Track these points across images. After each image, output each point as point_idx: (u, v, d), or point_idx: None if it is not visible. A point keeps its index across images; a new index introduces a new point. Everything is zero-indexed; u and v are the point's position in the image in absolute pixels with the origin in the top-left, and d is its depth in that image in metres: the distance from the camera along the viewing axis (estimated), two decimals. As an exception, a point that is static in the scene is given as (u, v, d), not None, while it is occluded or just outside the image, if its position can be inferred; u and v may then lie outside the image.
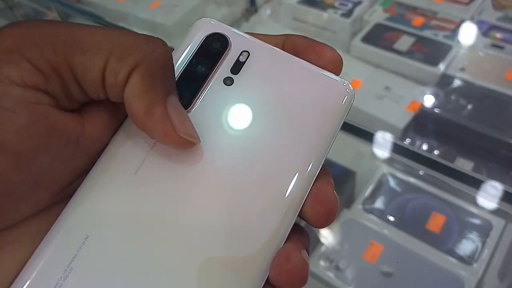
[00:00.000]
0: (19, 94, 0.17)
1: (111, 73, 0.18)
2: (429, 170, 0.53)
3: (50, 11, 1.03)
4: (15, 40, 0.17)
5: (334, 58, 0.21)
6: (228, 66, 0.21)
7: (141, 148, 0.20)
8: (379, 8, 0.83)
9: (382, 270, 0.52)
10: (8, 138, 0.16)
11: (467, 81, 0.70)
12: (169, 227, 0.19)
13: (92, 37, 0.18)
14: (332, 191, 0.20)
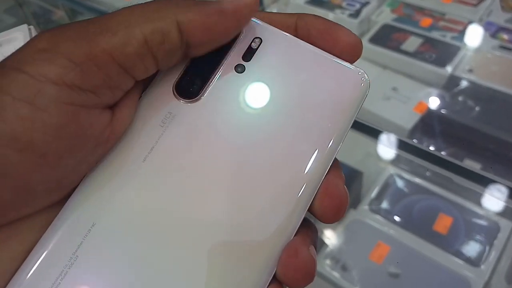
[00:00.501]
0: (54, 93, 0.16)
1: (154, 34, 0.18)
2: (437, 168, 0.52)
3: (58, 9, 1.03)
4: (49, 40, 0.17)
5: (352, 42, 0.20)
6: (239, 53, 0.21)
7: (150, 136, 0.20)
8: (386, 8, 0.83)
9: (388, 271, 0.52)
10: (37, 138, 0.16)
11: (475, 82, 0.69)
12: (177, 215, 0.19)
13: (115, 19, 0.18)
14: (343, 185, 0.20)
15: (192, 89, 0.20)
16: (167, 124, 0.20)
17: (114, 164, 0.19)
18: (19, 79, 0.16)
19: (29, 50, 0.17)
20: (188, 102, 0.20)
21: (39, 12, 1.03)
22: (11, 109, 0.16)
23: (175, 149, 0.20)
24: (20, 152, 0.16)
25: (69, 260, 0.18)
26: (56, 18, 1.03)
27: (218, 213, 0.19)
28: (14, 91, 0.16)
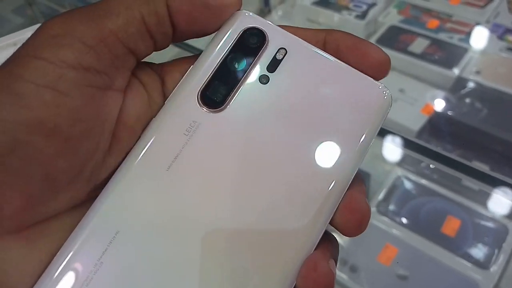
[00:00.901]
0: (73, 76, 0.17)
1: (150, 15, 0.19)
2: (445, 168, 0.52)
3: (64, 9, 1.04)
4: (63, 25, 0.18)
5: (381, 58, 0.21)
6: (264, 64, 0.21)
7: (174, 144, 0.20)
8: (393, 10, 0.83)
9: (397, 273, 0.52)
10: (62, 122, 0.17)
11: (482, 84, 0.69)
12: (200, 225, 0.19)
13: (115, 1, 0.19)
14: (364, 199, 0.20)
15: (216, 99, 0.20)
16: (191, 133, 0.20)
17: (138, 170, 0.20)
18: (39, 66, 0.17)
19: (44, 37, 0.17)
20: (213, 112, 0.20)
21: (46, 11, 1.04)
22: (35, 96, 0.16)
23: (200, 159, 0.20)
24: (46, 138, 0.17)
25: (94, 266, 0.18)
26: (63, 18, 1.03)
27: (240, 224, 0.19)
28: (36, 78, 0.17)
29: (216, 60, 0.21)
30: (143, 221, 0.19)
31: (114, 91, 0.19)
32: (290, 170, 0.20)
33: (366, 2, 0.84)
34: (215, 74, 0.21)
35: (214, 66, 0.21)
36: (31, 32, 0.41)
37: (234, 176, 0.20)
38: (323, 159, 0.20)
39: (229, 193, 0.20)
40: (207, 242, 0.19)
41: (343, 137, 0.20)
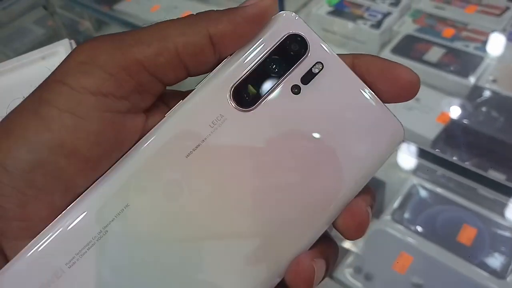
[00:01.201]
0: (92, 103, 0.18)
1: (186, 46, 0.19)
2: (461, 178, 0.52)
3: (84, 20, 1.06)
4: (89, 53, 0.19)
5: (412, 79, 0.21)
6: (299, 74, 0.21)
7: (198, 133, 0.20)
8: (408, 19, 0.83)
9: (412, 282, 0.52)
10: (81, 144, 0.18)
11: (499, 93, 0.69)
12: (205, 216, 0.20)
13: (149, 32, 0.20)
14: (365, 206, 0.21)
15: (248, 99, 0.21)
16: (216, 126, 0.20)
17: (158, 151, 0.20)
18: (64, 91, 0.18)
19: (71, 63, 0.19)
20: (241, 110, 0.21)
21: (66, 22, 1.06)
22: (57, 120, 0.18)
23: (220, 152, 0.20)
24: (67, 158, 0.18)
25: (99, 232, 0.19)
26: (83, 29, 1.05)
27: (243, 217, 0.20)
28: (60, 103, 0.18)
29: (255, 59, 0.21)
30: (153, 200, 0.20)
31: (135, 114, 0.20)
32: (301, 178, 0.21)
33: (381, 11, 0.84)
34: (251, 73, 0.21)
35: (252, 65, 0.21)
36: (59, 47, 0.43)
37: (247, 175, 0.21)
38: (333, 172, 0.21)
39: (239, 190, 0.21)
40: (211, 232, 0.20)
41: (354, 158, 0.21)
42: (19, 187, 0.18)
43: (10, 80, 0.40)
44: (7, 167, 0.18)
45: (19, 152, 0.18)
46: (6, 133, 0.18)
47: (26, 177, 0.18)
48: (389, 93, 0.21)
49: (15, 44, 0.95)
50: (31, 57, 0.42)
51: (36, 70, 0.40)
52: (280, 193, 0.21)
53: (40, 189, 0.18)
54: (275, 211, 0.21)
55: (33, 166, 0.18)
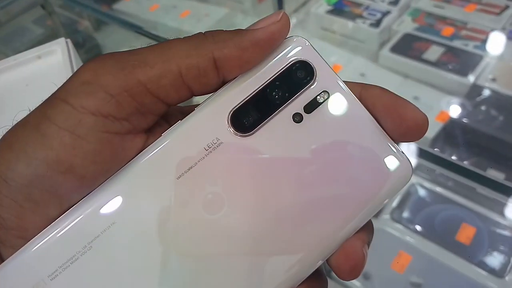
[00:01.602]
0: (92, 123, 0.18)
1: (189, 69, 0.19)
2: (460, 177, 0.52)
3: (83, 20, 1.06)
4: (92, 73, 0.19)
5: (418, 120, 0.20)
6: (303, 102, 0.20)
7: (191, 156, 0.20)
8: (407, 18, 0.83)
9: (410, 281, 0.51)
10: (77, 163, 0.19)
11: (498, 91, 0.69)
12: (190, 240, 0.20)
13: (154, 52, 0.19)
14: (361, 247, 0.20)
15: (246, 124, 0.20)
16: (211, 150, 0.20)
17: (149, 171, 0.20)
18: (65, 110, 0.18)
19: (75, 83, 0.19)
20: (238, 135, 0.20)
21: (65, 22, 1.06)
22: (56, 137, 0.18)
23: (212, 177, 0.20)
24: (63, 174, 0.18)
25: (83, 247, 0.19)
26: (82, 29, 1.05)
27: (226, 244, 0.20)
28: (59, 121, 0.18)
29: (257, 84, 0.20)
30: (139, 219, 0.20)
31: (135, 135, 0.20)
32: (294, 209, 0.20)
33: (380, 10, 0.84)
34: (252, 99, 0.20)
35: (253, 90, 0.20)
36: (55, 46, 0.42)
37: (239, 202, 0.20)
38: (330, 206, 0.20)
39: (229, 216, 0.20)
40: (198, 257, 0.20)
41: (354, 196, 0.20)
42: (17, 199, 0.18)
43: (6, 79, 0.40)
44: (7, 180, 0.18)
45: (19, 166, 0.18)
46: (9, 146, 0.19)
47: (24, 191, 0.18)
48: (394, 132, 0.20)
49: (14, 43, 0.95)
50: (27, 56, 0.42)
51: (32, 69, 0.40)
52: (269, 225, 0.20)
53: (36, 203, 0.19)
54: (262, 244, 0.20)
55: (31, 180, 0.18)
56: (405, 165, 0.20)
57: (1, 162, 0.18)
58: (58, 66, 0.39)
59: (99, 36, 1.02)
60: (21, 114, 0.20)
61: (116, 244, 0.19)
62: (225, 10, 0.95)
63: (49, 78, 0.38)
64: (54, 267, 0.19)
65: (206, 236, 0.20)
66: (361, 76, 0.76)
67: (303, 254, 0.20)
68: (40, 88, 0.38)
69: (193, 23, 0.93)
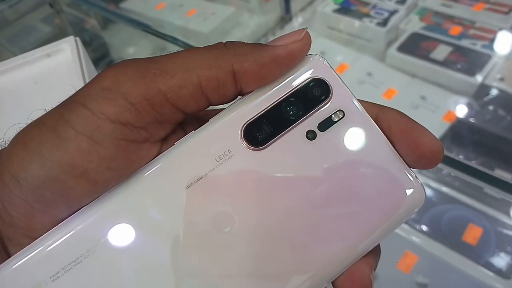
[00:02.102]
0: (109, 129, 0.18)
1: (209, 81, 0.19)
2: (467, 177, 0.52)
3: (90, 18, 1.07)
4: (113, 79, 0.19)
5: (434, 148, 0.19)
6: (317, 120, 0.20)
7: (202, 166, 0.20)
8: (415, 17, 0.83)
9: (417, 281, 0.51)
10: (92, 168, 0.18)
11: (506, 91, 0.69)
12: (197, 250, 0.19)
13: (174, 62, 0.19)
14: (368, 273, 0.20)
15: (259, 138, 0.20)
16: (222, 161, 0.20)
17: (159, 178, 0.20)
18: (83, 114, 0.18)
19: (95, 88, 0.19)
20: (250, 149, 0.20)
21: (72, 21, 1.07)
22: (73, 142, 0.18)
23: (221, 188, 0.20)
24: (76, 179, 0.18)
25: (88, 250, 0.19)
26: (89, 27, 1.06)
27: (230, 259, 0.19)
28: (78, 125, 0.18)
29: (272, 99, 0.20)
30: (146, 226, 0.19)
31: (151, 143, 0.20)
32: (303, 226, 0.20)
33: (388, 9, 0.84)
34: (266, 113, 0.20)
35: (268, 105, 0.20)
36: (64, 44, 0.43)
37: (247, 216, 0.20)
38: (336, 233, 0.20)
39: (237, 229, 0.19)
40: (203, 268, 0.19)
41: (363, 220, 0.20)
42: (28, 200, 0.18)
43: (15, 77, 0.40)
44: (19, 180, 0.18)
45: (32, 167, 0.18)
46: (23, 145, 0.19)
47: (36, 192, 0.18)
48: (408, 157, 0.20)
49: (22, 42, 0.96)
50: (36, 55, 0.42)
51: (41, 67, 0.40)
52: (275, 242, 0.19)
53: (47, 205, 0.19)
54: (267, 262, 0.19)
55: (43, 182, 0.18)
56: (418, 190, 0.20)
57: (14, 161, 0.18)
58: (67, 64, 0.39)
59: (106, 35, 1.02)
60: (36, 113, 0.20)
61: (121, 249, 0.19)
62: (232, 9, 0.95)
63: (58, 77, 0.38)
64: (56, 269, 0.19)
65: (212, 249, 0.19)
66: (368, 75, 0.76)
67: (310, 275, 0.19)
68: (49, 86, 0.38)
69: (199, 22, 0.93)
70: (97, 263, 0.19)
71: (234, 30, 0.95)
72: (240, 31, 0.94)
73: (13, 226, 0.19)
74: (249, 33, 0.93)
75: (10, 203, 0.18)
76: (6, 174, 0.18)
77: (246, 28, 0.95)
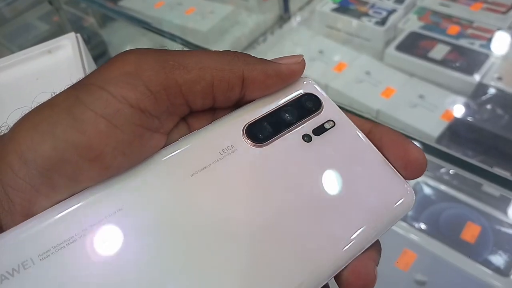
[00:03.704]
0: (129, 114, 0.19)
1: (221, 81, 0.21)
2: (466, 173, 0.52)
3: (88, 16, 1.06)
4: (135, 65, 0.19)
5: (420, 159, 0.21)
6: (311, 126, 0.23)
7: (207, 157, 0.21)
8: (413, 16, 0.83)
9: (415, 279, 0.52)
10: (107, 151, 0.18)
11: (504, 90, 0.69)
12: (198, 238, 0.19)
13: (192, 58, 0.20)
14: (373, 267, 0.20)
15: (260, 136, 0.22)
16: (225, 154, 0.22)
17: (164, 166, 0.21)
18: (103, 97, 0.18)
19: (114, 72, 0.19)
20: (252, 145, 0.22)
21: (70, 18, 1.06)
22: (92, 124, 0.18)
23: (223, 178, 0.21)
24: (90, 162, 0.18)
25: (84, 230, 0.19)
26: (88, 25, 1.05)
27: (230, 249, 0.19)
28: (97, 107, 0.18)
29: (272, 106, 0.23)
30: (147, 209, 0.20)
31: (161, 134, 0.21)
32: (300, 223, 0.20)
33: (386, 8, 0.84)
34: (267, 116, 0.23)
35: (268, 110, 0.23)
36: (65, 40, 0.43)
37: (246, 208, 0.20)
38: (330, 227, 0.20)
39: (236, 220, 0.20)
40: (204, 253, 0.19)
41: (355, 216, 0.21)
42: (34, 183, 0.18)
43: (16, 73, 0.40)
44: (27, 161, 0.17)
45: (43, 148, 0.17)
46: (33, 125, 0.18)
47: (44, 174, 0.18)
48: (396, 164, 0.22)
49: (20, 40, 0.95)
50: (37, 51, 0.42)
51: (42, 64, 0.40)
52: (275, 235, 0.20)
53: (53, 188, 0.18)
54: (266, 254, 0.19)
55: (54, 163, 0.18)
56: (407, 191, 0.22)
57: (22, 141, 0.18)
58: (68, 60, 0.39)
59: (104, 33, 1.02)
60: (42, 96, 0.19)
61: (119, 229, 0.19)
62: (230, 8, 0.95)
63: (59, 73, 0.38)
64: (47, 247, 0.18)
65: (210, 234, 0.20)
66: (366, 74, 0.76)
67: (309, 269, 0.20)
68: (50, 82, 0.38)
69: (198, 20, 0.93)
70: (92, 244, 0.18)
71: (232, 28, 0.94)
72: (239, 29, 0.94)
73: (12, 213, 0.18)
74: (248, 32, 0.93)
75: (12, 188, 0.18)
76: (11, 155, 0.18)
77: (244, 27, 0.95)
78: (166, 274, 0.19)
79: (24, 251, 0.18)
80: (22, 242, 0.18)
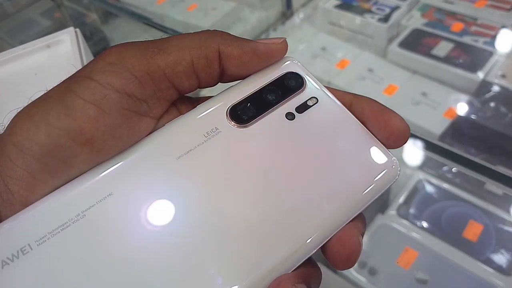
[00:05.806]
0: (116, 98, 0.20)
1: (199, 58, 0.21)
2: (468, 171, 0.52)
3: (90, 12, 1.06)
4: (118, 56, 0.21)
5: (401, 127, 0.22)
6: (295, 104, 0.23)
7: (192, 140, 0.22)
8: (417, 13, 0.83)
9: (416, 277, 0.51)
10: (98, 135, 0.20)
11: (508, 88, 0.68)
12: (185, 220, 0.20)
13: (170, 42, 0.21)
14: (357, 236, 0.21)
15: (244, 117, 0.23)
16: (210, 137, 0.22)
17: (152, 150, 0.21)
18: (91, 85, 0.20)
19: (101, 63, 0.21)
20: (235, 126, 0.22)
21: (72, 14, 1.06)
22: (81, 110, 0.19)
23: (208, 160, 0.21)
24: (82, 146, 0.19)
25: (77, 215, 0.19)
26: (89, 21, 1.05)
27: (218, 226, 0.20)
28: (85, 95, 0.19)
29: (254, 87, 0.23)
30: (137, 193, 0.20)
31: (150, 118, 0.22)
32: (285, 197, 0.21)
33: (389, 5, 0.84)
34: (249, 97, 0.23)
35: (251, 91, 0.23)
36: (64, 35, 0.42)
37: (232, 187, 0.21)
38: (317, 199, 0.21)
39: (222, 199, 0.20)
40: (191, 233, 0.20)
41: (342, 187, 0.21)
42: (31, 169, 0.19)
43: (15, 67, 0.40)
44: (23, 150, 0.19)
45: (38, 136, 0.19)
46: (29, 116, 0.19)
47: (41, 160, 0.19)
48: (379, 135, 0.22)
49: (21, 35, 0.95)
50: (36, 45, 0.42)
51: (41, 58, 0.40)
52: (262, 209, 0.20)
53: (51, 173, 0.19)
54: (254, 227, 0.20)
55: (49, 150, 0.19)
56: (391, 161, 0.22)
57: (18, 132, 0.19)
58: (67, 55, 0.39)
59: (106, 29, 1.02)
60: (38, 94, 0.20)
61: (111, 214, 0.20)
62: (232, 4, 0.95)
63: (58, 67, 0.38)
64: (43, 232, 0.19)
65: (201, 213, 0.20)
66: (369, 71, 0.76)
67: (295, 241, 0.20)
68: (49, 77, 0.38)
69: (200, 17, 0.93)
70: (86, 227, 0.19)
71: (234, 25, 0.94)
72: (241, 26, 0.94)
73: (12, 204, 0.19)
74: (250, 28, 0.93)
75: (11, 177, 0.19)
76: (8, 146, 0.19)
77: (246, 23, 0.94)
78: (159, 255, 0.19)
79: (22, 238, 0.19)
80: (20, 229, 0.19)
